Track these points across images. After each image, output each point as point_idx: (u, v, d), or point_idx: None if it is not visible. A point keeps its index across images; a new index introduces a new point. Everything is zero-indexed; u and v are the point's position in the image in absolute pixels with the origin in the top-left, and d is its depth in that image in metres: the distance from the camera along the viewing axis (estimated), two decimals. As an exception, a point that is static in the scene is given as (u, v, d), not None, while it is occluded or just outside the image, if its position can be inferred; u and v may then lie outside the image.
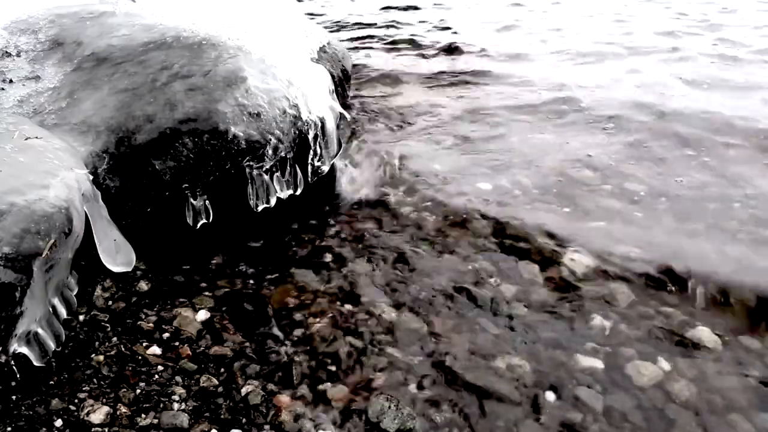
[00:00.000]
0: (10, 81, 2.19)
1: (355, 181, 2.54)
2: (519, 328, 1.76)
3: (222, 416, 1.45)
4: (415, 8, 6.59)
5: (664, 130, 2.98)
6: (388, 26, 5.59)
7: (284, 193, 2.25)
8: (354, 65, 3.88)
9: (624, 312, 1.81)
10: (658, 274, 1.93)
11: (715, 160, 2.67)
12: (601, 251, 2.04)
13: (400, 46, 4.83)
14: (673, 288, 1.88)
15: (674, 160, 2.68)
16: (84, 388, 1.47)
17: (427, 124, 3.20)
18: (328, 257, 2.10)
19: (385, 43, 4.89)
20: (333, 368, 1.63)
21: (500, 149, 2.86)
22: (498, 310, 1.83)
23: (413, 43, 4.89)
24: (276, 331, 1.76)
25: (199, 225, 2.07)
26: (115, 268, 1.82)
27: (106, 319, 1.71)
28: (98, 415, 1.40)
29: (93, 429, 1.37)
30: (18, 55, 2.31)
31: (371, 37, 5.16)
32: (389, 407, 1.47)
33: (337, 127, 2.50)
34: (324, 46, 3.11)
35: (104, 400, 1.44)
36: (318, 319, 1.80)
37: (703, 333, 1.71)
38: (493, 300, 1.87)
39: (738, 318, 1.77)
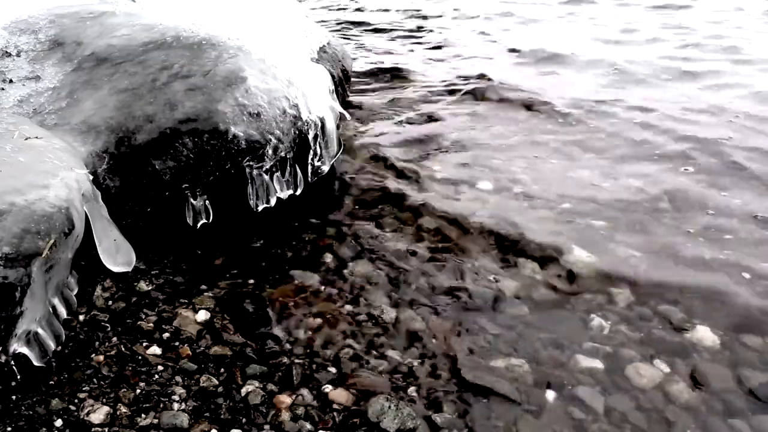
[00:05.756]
0: (10, 81, 2.18)
1: None
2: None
3: (222, 416, 1.45)
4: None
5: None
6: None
7: (284, 193, 2.25)
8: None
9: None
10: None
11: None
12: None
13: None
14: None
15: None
16: (84, 388, 1.47)
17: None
18: (329, 257, 2.10)
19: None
20: (333, 369, 1.63)
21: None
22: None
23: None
24: (276, 331, 1.76)
25: (199, 225, 2.07)
26: (115, 268, 1.82)
27: (106, 319, 1.71)
28: (98, 415, 1.40)
29: (93, 429, 1.37)
30: (18, 55, 2.31)
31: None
32: (389, 407, 1.47)
33: (337, 127, 2.50)
34: (324, 46, 3.10)
35: (104, 400, 1.44)
36: (318, 320, 1.80)
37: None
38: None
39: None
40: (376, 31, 5.45)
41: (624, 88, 3.74)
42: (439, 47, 4.89)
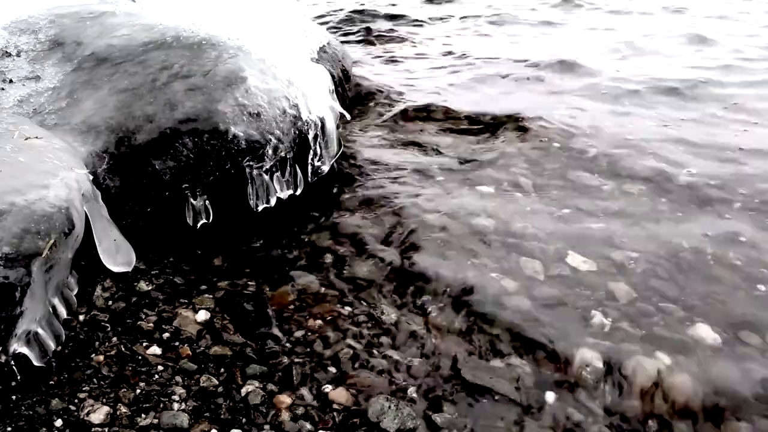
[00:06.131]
0: (10, 81, 2.18)
1: None
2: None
3: (222, 416, 1.45)
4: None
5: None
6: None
7: (284, 193, 2.25)
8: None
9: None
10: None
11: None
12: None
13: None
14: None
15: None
16: (84, 388, 1.47)
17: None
18: (329, 257, 2.10)
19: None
20: (333, 369, 1.63)
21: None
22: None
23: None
24: (276, 331, 1.76)
25: (199, 225, 2.07)
26: (115, 268, 1.82)
27: (106, 319, 1.71)
28: (98, 415, 1.40)
29: (93, 429, 1.37)
30: (18, 55, 2.31)
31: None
32: (389, 407, 1.47)
33: (337, 127, 2.50)
34: (324, 46, 3.11)
35: (104, 400, 1.44)
36: (318, 320, 1.80)
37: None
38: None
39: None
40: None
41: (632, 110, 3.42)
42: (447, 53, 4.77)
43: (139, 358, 1.59)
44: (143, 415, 1.42)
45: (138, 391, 1.49)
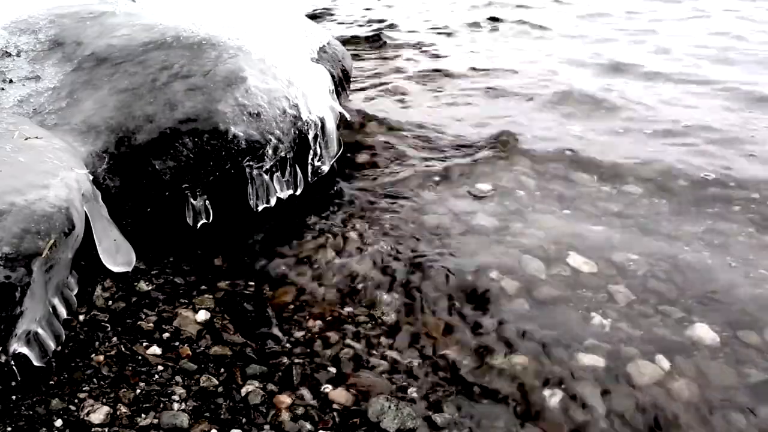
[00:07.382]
0: (10, 81, 2.19)
1: None
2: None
3: (222, 416, 1.45)
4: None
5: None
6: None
7: (284, 193, 2.25)
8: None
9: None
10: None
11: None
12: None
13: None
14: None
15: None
16: (84, 388, 1.47)
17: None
18: (329, 257, 2.10)
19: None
20: (333, 369, 1.63)
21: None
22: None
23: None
24: (276, 331, 1.76)
25: (199, 225, 2.07)
26: (115, 268, 1.82)
27: (106, 319, 1.71)
28: (98, 415, 1.40)
29: (93, 429, 1.37)
30: (18, 55, 2.31)
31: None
32: (389, 407, 1.47)
33: (337, 127, 2.50)
34: (324, 46, 3.10)
35: (104, 400, 1.44)
36: (318, 320, 1.80)
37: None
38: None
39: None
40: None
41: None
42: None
43: (139, 358, 1.59)
44: (143, 415, 1.42)
45: (138, 391, 1.49)
